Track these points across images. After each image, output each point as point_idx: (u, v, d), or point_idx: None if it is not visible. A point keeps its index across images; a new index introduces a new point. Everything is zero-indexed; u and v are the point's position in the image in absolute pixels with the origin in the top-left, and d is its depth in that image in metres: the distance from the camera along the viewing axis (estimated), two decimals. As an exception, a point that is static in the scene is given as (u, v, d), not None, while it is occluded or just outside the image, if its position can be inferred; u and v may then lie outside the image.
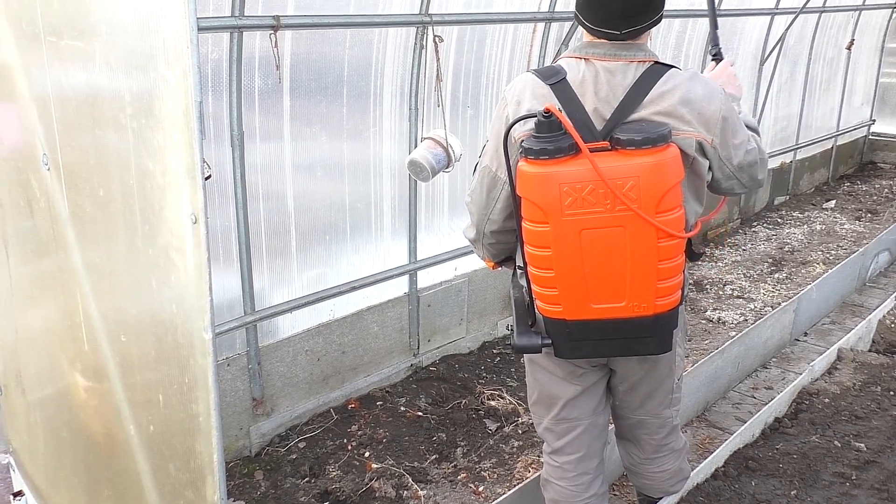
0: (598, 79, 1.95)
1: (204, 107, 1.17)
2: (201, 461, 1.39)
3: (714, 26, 2.51)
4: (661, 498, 2.63)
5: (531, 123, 1.86)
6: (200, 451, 1.38)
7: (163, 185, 1.28)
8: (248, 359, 3.43)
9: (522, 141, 1.89)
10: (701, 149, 1.97)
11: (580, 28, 2.06)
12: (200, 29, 2.81)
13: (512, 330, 2.12)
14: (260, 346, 3.47)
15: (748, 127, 2.15)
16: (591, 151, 1.80)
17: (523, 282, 2.14)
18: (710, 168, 2.03)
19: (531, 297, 2.06)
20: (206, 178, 2.87)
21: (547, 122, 1.81)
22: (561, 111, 1.85)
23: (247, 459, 3.47)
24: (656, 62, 1.97)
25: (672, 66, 1.98)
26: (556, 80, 1.95)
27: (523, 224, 1.94)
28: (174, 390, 1.42)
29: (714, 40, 2.48)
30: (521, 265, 2.09)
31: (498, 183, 2.04)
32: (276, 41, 3.04)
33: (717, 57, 2.43)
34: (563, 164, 1.81)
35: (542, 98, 1.95)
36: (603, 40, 1.97)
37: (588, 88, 1.95)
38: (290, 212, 3.46)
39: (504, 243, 2.19)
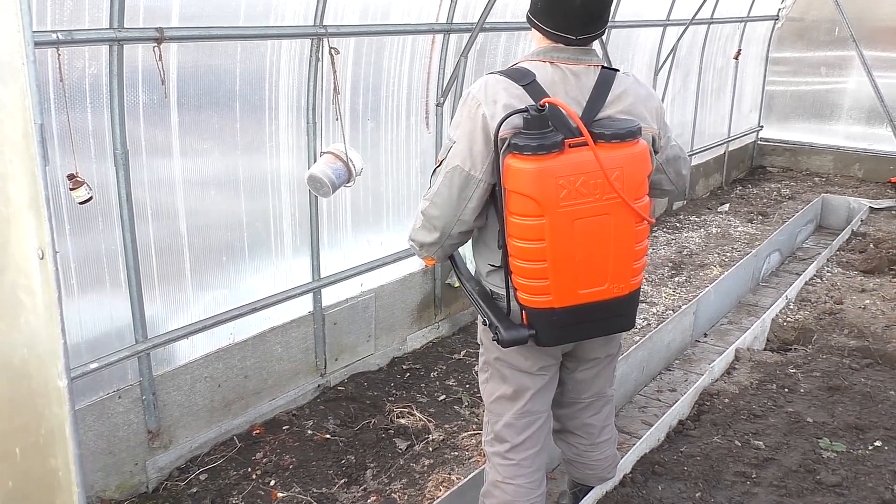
0: (567, 80, 2.10)
1: (46, 129, 1.05)
2: (64, 519, 1.25)
3: None
4: (590, 489, 2.82)
5: (515, 121, 1.98)
6: (63, 508, 1.25)
7: (6, 217, 1.15)
8: (141, 389, 3.23)
9: (507, 139, 1.98)
10: (652, 143, 2.18)
11: (534, 33, 2.18)
12: (74, 42, 2.66)
13: (489, 324, 2.18)
14: (154, 375, 3.27)
15: None
16: (571, 147, 1.95)
17: (493, 279, 2.23)
18: None
19: (508, 290, 2.13)
20: (87, 201, 2.72)
21: (538, 118, 1.93)
22: (566, 105, 1.99)
23: (144, 496, 3.26)
24: (604, 66, 2.15)
25: (616, 70, 2.17)
26: (527, 81, 2.06)
27: (511, 219, 2.01)
28: (31, 443, 1.28)
29: None
30: (495, 263, 2.18)
31: (471, 182, 2.08)
32: (160, 54, 2.89)
33: None
34: (555, 158, 1.93)
35: (518, 98, 2.04)
36: (564, 45, 2.11)
37: (559, 89, 2.08)
38: (182, 232, 3.29)
39: (462, 242, 2.26)
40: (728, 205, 7.77)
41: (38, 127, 1.05)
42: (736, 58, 8.09)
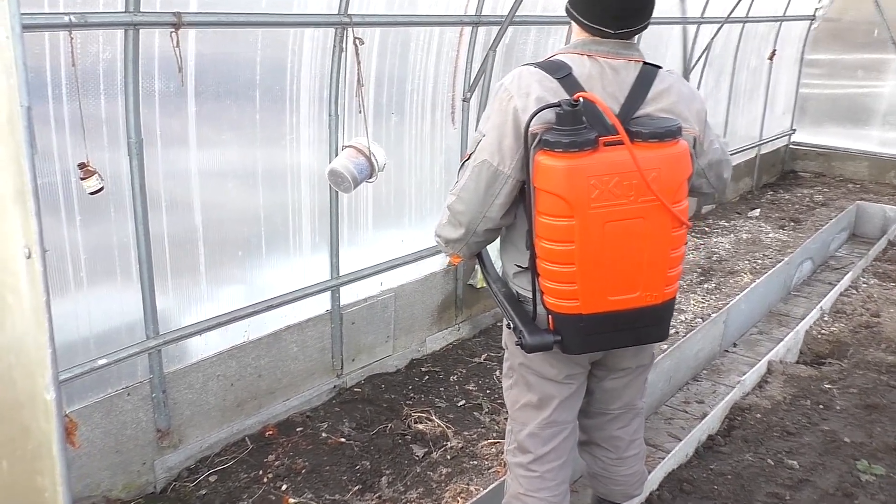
0: (605, 75, 1.98)
1: (33, 113, 0.94)
2: (51, 543, 1.14)
3: None
4: None
5: (547, 116, 1.87)
6: (49, 531, 1.13)
7: (-10, 210, 1.03)
8: (151, 387, 3.13)
9: (538, 134, 1.88)
10: (693, 145, 2.06)
11: (574, 25, 2.07)
12: (88, 25, 2.54)
13: (513, 328, 2.09)
14: (165, 373, 3.17)
15: None
16: (605, 145, 1.83)
17: (520, 281, 2.13)
18: None
19: (534, 293, 2.03)
20: (98, 191, 2.61)
21: (571, 114, 1.81)
22: (600, 100, 1.86)
23: (151, 497, 3.17)
24: (645, 62, 2.04)
25: (659, 67, 2.06)
26: (562, 74, 1.95)
27: (539, 219, 1.91)
28: (17, 457, 1.17)
29: None
30: (522, 265, 2.07)
31: (499, 178, 1.98)
32: (177, 40, 2.77)
33: None
34: (589, 156, 1.82)
35: (552, 91, 1.92)
36: (602, 38, 2.00)
37: (595, 84, 1.96)
38: (197, 225, 3.18)
39: (488, 240, 2.16)
40: (759, 210, 7.56)
41: (26, 110, 0.93)
42: (770, 58, 7.87)
